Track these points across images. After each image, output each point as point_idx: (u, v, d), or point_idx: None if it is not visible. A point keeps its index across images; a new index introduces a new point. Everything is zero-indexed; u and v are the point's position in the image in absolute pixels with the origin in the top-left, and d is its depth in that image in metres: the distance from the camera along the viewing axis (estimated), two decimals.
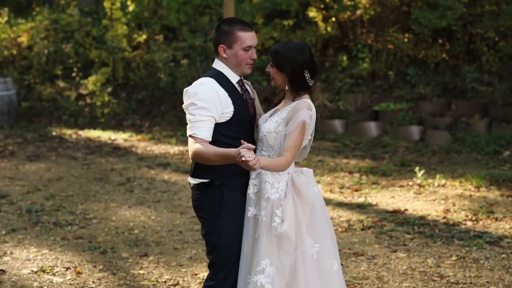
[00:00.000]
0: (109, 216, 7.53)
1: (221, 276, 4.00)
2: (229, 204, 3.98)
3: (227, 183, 3.98)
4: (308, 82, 3.99)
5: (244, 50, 3.98)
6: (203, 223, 4.06)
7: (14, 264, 6.07)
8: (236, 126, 3.99)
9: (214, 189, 3.98)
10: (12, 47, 14.98)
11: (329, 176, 9.29)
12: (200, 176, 4.01)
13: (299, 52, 3.95)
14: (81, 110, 13.73)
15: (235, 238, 3.99)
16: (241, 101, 4.01)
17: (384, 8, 13.10)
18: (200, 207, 4.05)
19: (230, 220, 3.99)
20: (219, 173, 3.96)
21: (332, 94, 12.68)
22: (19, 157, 10.61)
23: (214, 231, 4.00)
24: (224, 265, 4.00)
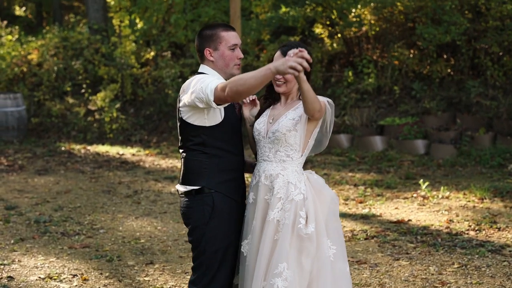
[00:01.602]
0: (116, 226, 7.64)
1: (205, 280, 3.99)
2: (219, 212, 3.96)
3: (219, 190, 3.96)
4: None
5: (230, 49, 4.00)
6: (191, 230, 4.03)
7: (22, 271, 6.17)
8: (226, 129, 3.99)
9: (204, 196, 3.96)
10: (22, 64, 15.18)
11: (334, 188, 9.37)
12: (190, 183, 3.99)
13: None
14: (90, 125, 13.89)
15: (223, 244, 3.98)
16: (229, 106, 4.03)
17: (390, 24, 13.24)
18: (189, 214, 4.02)
19: (219, 227, 3.97)
20: (210, 180, 3.95)
21: (338, 109, 12.79)
22: (29, 171, 10.75)
23: (202, 238, 3.97)
24: (208, 270, 3.99)
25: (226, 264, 4.02)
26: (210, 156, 3.96)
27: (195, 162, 3.98)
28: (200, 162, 3.97)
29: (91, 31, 15.88)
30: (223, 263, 4.00)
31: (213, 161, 3.97)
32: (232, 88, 3.63)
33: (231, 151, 4.02)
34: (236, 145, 4.04)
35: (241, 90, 3.61)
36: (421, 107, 12.35)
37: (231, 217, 4.02)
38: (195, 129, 3.96)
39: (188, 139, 4.01)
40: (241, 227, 4.07)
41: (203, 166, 3.96)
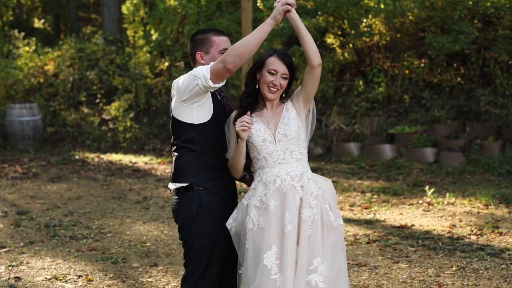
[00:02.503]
0: (123, 231, 7.79)
1: (195, 277, 4.12)
2: (206, 209, 4.08)
3: (206, 187, 4.09)
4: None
5: (221, 53, 4.14)
6: (180, 227, 4.16)
7: (29, 272, 6.34)
8: (215, 127, 4.13)
9: (192, 193, 4.09)
10: (39, 75, 15.44)
11: (341, 195, 9.47)
12: (179, 180, 4.12)
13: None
14: (104, 135, 14.10)
15: (210, 241, 4.10)
16: (219, 106, 4.18)
17: (400, 34, 13.34)
18: (178, 211, 4.16)
19: (206, 224, 4.09)
20: (197, 177, 4.08)
21: (348, 118, 12.90)
22: (42, 179, 10.95)
23: (190, 235, 4.10)
24: (198, 266, 4.12)
25: (215, 261, 4.14)
26: (198, 154, 4.11)
27: (184, 160, 4.14)
28: (188, 159, 4.12)
29: (107, 42, 16.13)
30: (212, 259, 4.13)
31: (201, 158, 4.11)
32: (232, 53, 3.82)
33: (219, 149, 4.15)
34: (223, 145, 4.17)
35: (239, 49, 3.81)
36: (430, 115, 12.42)
37: (219, 214, 4.13)
38: (185, 126, 4.11)
39: (177, 137, 4.17)
40: None
41: (191, 163, 4.11)
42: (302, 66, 13.89)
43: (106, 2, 16.58)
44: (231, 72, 3.87)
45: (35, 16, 24.41)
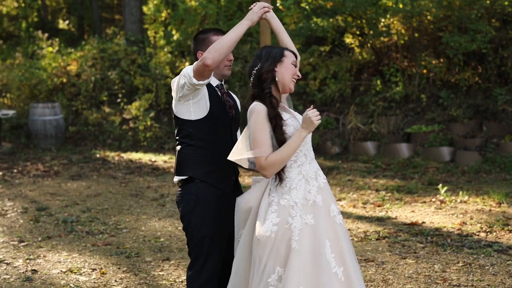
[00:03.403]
0: (139, 227, 7.98)
1: (197, 266, 4.30)
2: (203, 201, 4.25)
3: (204, 179, 4.26)
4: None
5: None
6: (181, 218, 4.35)
7: (45, 265, 6.55)
8: (211, 123, 4.29)
9: (191, 185, 4.27)
10: (62, 75, 15.71)
11: (355, 193, 9.57)
12: (180, 173, 4.31)
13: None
14: (124, 134, 14.32)
15: (208, 232, 4.25)
16: (218, 103, 4.33)
17: (419, 34, 13.41)
18: (179, 202, 4.34)
19: (204, 216, 4.25)
20: (196, 170, 4.26)
21: (366, 117, 12.99)
22: (63, 176, 11.18)
23: (189, 225, 4.29)
24: (198, 256, 4.29)
25: (215, 251, 4.30)
26: (195, 148, 4.29)
27: (183, 154, 4.33)
28: (187, 153, 4.31)
29: (128, 42, 16.36)
30: (211, 250, 4.29)
31: (198, 153, 4.29)
32: (211, 50, 4.02)
33: (216, 143, 4.31)
34: (222, 139, 4.32)
35: (217, 45, 4.02)
36: (447, 114, 12.46)
37: (218, 206, 4.29)
38: (183, 123, 4.30)
39: (178, 132, 4.37)
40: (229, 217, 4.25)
41: (190, 157, 4.30)
42: (321, 66, 14.01)
43: (127, 3, 16.82)
44: (211, 69, 4.01)
45: (60, 17, 24.76)
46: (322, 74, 13.86)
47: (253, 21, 4.14)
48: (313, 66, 14.15)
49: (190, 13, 15.71)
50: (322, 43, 14.52)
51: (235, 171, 4.45)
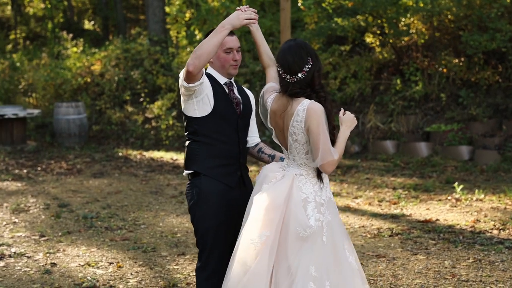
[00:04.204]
0: (157, 223, 8.14)
1: (203, 257, 4.46)
2: (207, 194, 4.38)
3: (208, 174, 4.41)
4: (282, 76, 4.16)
5: (226, 52, 4.43)
6: (188, 210, 4.52)
7: (64, 259, 6.74)
8: (216, 120, 4.41)
9: (196, 179, 4.43)
10: (86, 75, 15.98)
11: (372, 191, 9.65)
12: (188, 167, 4.48)
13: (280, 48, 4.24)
14: (147, 133, 14.53)
15: (211, 224, 4.39)
16: (224, 100, 4.45)
17: (439, 33, 13.44)
18: (187, 195, 4.51)
19: (208, 208, 4.39)
20: (200, 165, 4.41)
21: (385, 116, 13.05)
22: (85, 174, 11.40)
23: (194, 217, 4.46)
24: (204, 247, 4.45)
25: (219, 244, 4.43)
26: (200, 144, 4.44)
27: (190, 149, 4.50)
28: (193, 149, 4.48)
29: (151, 42, 16.58)
30: (216, 243, 4.43)
31: (203, 148, 4.44)
32: (192, 56, 4.12)
33: (221, 140, 4.45)
34: (227, 135, 4.45)
35: (198, 52, 4.11)
36: (467, 113, 12.49)
37: (222, 200, 4.42)
38: (189, 120, 4.46)
39: (186, 129, 4.54)
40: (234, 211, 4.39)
41: (196, 153, 4.46)
42: (341, 65, 14.10)
43: (151, 3, 17.05)
44: (194, 74, 4.14)
45: (86, 18, 25.09)
46: (343, 74, 13.95)
47: (234, 27, 4.20)
48: (334, 65, 14.24)
49: (213, 13, 15.88)
50: (343, 43, 14.60)
51: (240, 167, 4.58)
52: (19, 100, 16.17)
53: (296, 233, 3.97)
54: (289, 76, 4.04)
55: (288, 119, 4.04)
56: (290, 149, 4.11)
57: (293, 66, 4.02)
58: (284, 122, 4.09)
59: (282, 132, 4.14)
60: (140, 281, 6.10)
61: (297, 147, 4.07)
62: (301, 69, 4.02)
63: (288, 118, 4.04)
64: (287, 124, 4.06)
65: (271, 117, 4.16)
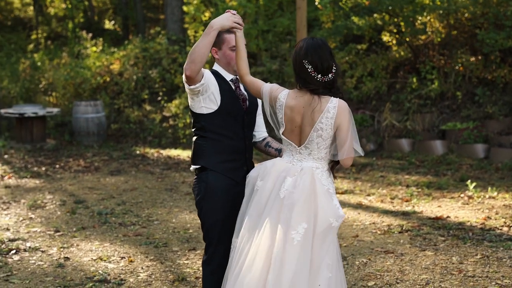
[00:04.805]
0: (170, 219, 8.26)
1: (210, 250, 4.58)
2: (214, 188, 4.49)
3: (215, 169, 4.51)
4: (312, 75, 4.15)
5: (231, 49, 4.54)
6: (195, 204, 4.63)
7: (77, 253, 6.88)
8: (223, 117, 4.52)
9: (203, 174, 4.53)
10: (105, 74, 16.16)
11: (385, 189, 9.69)
12: (195, 162, 4.59)
13: (305, 45, 4.20)
14: (164, 131, 14.67)
15: (218, 218, 4.50)
16: (230, 97, 4.55)
17: (456, 31, 13.43)
18: (194, 190, 4.62)
19: (215, 202, 4.50)
20: (207, 160, 4.51)
21: (401, 115, 13.07)
22: (103, 172, 11.55)
23: (201, 211, 4.57)
24: (211, 241, 4.57)
25: (225, 238, 4.52)
26: (207, 139, 4.55)
27: (197, 145, 4.61)
28: (201, 144, 4.58)
29: (170, 41, 16.72)
30: (222, 236, 4.53)
31: (210, 144, 4.54)
32: (187, 60, 4.28)
33: (228, 136, 4.55)
34: (233, 131, 4.55)
35: (192, 56, 4.25)
36: (483, 112, 12.48)
37: (228, 194, 4.52)
38: (197, 116, 4.57)
39: (193, 125, 4.64)
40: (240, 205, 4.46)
41: (203, 148, 4.56)
42: (358, 64, 14.14)
43: (169, 3, 17.20)
44: (193, 77, 4.29)
45: (106, 17, 25.31)
46: (359, 72, 13.98)
47: (223, 28, 4.31)
48: (350, 64, 14.28)
49: None
50: (360, 41, 14.64)
51: (246, 162, 4.67)
52: (39, 99, 16.38)
53: (327, 224, 4.09)
54: (320, 76, 4.15)
55: (315, 116, 4.13)
56: (309, 144, 4.19)
57: (326, 67, 4.14)
58: (305, 118, 4.17)
59: (298, 128, 4.21)
60: (150, 275, 6.21)
61: (319, 142, 4.16)
62: (331, 70, 4.16)
63: (315, 114, 4.13)
64: (312, 120, 4.14)
65: (286, 113, 4.20)
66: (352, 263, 6.42)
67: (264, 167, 4.32)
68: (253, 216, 4.23)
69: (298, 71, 4.20)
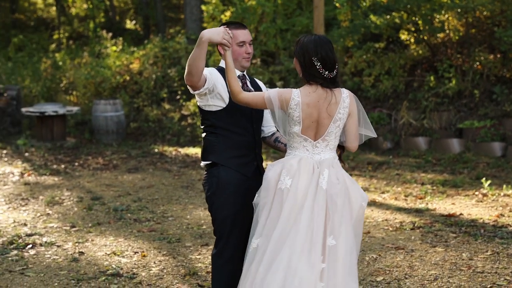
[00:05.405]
0: (184, 215, 8.36)
1: (220, 244, 4.64)
2: (225, 183, 4.56)
3: (225, 164, 4.58)
4: (320, 71, 4.28)
5: (238, 45, 4.60)
6: (206, 199, 4.69)
7: (92, 248, 7.00)
8: (232, 113, 4.58)
9: (214, 170, 4.61)
10: (125, 73, 16.32)
11: (400, 187, 9.71)
12: (205, 158, 4.67)
13: (313, 42, 4.29)
14: (183, 129, 14.79)
15: (229, 213, 4.57)
16: None
17: (475, 29, 13.40)
18: (205, 185, 4.69)
19: (226, 197, 4.57)
20: (218, 156, 4.59)
21: (418, 113, 13.07)
22: (121, 169, 11.68)
23: (212, 206, 4.63)
24: (221, 235, 4.63)
25: (235, 232, 4.60)
26: (218, 136, 4.61)
27: (208, 141, 4.67)
28: (211, 140, 4.64)
29: (189, 41, 16.84)
30: (233, 230, 4.60)
31: (220, 140, 4.61)
32: (186, 71, 4.36)
33: (237, 132, 4.62)
34: (243, 127, 4.62)
35: (189, 68, 4.33)
36: (501, 110, 12.43)
37: (239, 189, 4.59)
38: (206, 114, 4.64)
39: (202, 122, 4.70)
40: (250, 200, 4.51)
41: (213, 144, 4.62)
42: (376, 62, 14.14)
43: (188, 2, 17.33)
44: (193, 86, 4.43)
45: (128, 17, 25.52)
46: (377, 71, 13.99)
47: (212, 41, 4.28)
48: (368, 62, 14.29)
49: (249, 12, 16.06)
50: (378, 40, 14.64)
51: (256, 157, 4.74)
52: (60, 98, 16.59)
53: (360, 208, 4.30)
54: (327, 72, 4.27)
55: (333, 108, 4.28)
56: (328, 135, 4.33)
57: (333, 63, 4.29)
58: (321, 111, 4.29)
59: (315, 122, 4.31)
60: (162, 269, 6.31)
61: (337, 132, 4.35)
62: (335, 66, 4.31)
63: (332, 107, 4.27)
64: (331, 113, 4.28)
65: (304, 110, 4.28)
66: (362, 258, 6.46)
67: (289, 165, 4.31)
68: (290, 216, 4.21)
69: (307, 68, 4.30)
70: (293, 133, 4.35)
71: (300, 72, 4.39)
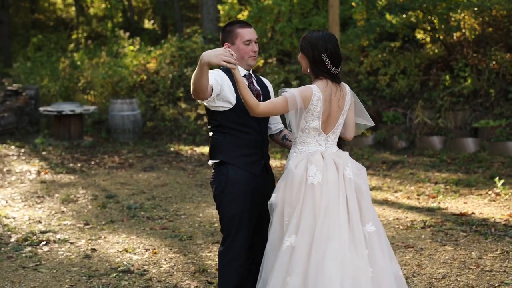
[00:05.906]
0: (197, 213, 8.43)
1: (227, 242, 4.70)
2: (233, 182, 4.62)
3: (233, 163, 4.64)
4: (328, 67, 4.37)
5: (245, 44, 4.64)
6: (214, 197, 4.74)
7: (104, 245, 7.09)
8: (239, 113, 4.62)
9: (222, 168, 4.66)
10: (141, 73, 16.44)
11: (413, 186, 9.71)
12: (213, 157, 4.72)
13: (322, 38, 4.38)
14: (199, 129, 14.87)
15: (237, 211, 4.63)
16: None
17: (491, 28, 13.35)
18: (213, 183, 4.74)
19: (234, 196, 4.62)
20: (226, 155, 4.64)
21: (433, 112, 13.05)
22: (136, 168, 11.78)
23: (220, 204, 4.69)
24: (228, 233, 4.69)
25: (243, 230, 4.67)
26: (226, 135, 4.67)
27: (215, 140, 4.73)
28: (219, 139, 4.70)
29: (205, 40, 16.93)
30: (240, 228, 4.66)
31: (228, 139, 4.67)
32: (191, 88, 4.42)
33: (245, 131, 4.67)
34: (250, 126, 4.67)
35: (193, 86, 4.39)
36: None
37: (247, 187, 4.65)
38: (214, 113, 4.69)
39: (210, 122, 4.75)
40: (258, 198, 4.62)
41: (221, 143, 4.68)
42: (392, 62, 14.14)
43: (205, 2, 17.42)
44: (201, 99, 4.50)
45: (146, 17, 25.68)
46: (392, 70, 13.99)
47: (210, 63, 4.21)
48: (383, 61, 14.29)
49: (266, 11, 16.11)
50: (393, 39, 14.64)
51: (264, 156, 4.79)
52: (78, 97, 16.74)
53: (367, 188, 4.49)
54: (334, 68, 4.39)
55: (341, 102, 4.44)
56: (337, 128, 4.50)
57: (340, 60, 4.42)
58: (333, 105, 4.41)
59: (329, 116, 4.41)
60: (173, 266, 6.38)
61: (342, 124, 4.54)
62: (341, 63, 4.45)
63: (341, 101, 4.43)
64: (342, 106, 4.45)
65: (323, 104, 4.36)
66: None
67: (316, 160, 4.32)
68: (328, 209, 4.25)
69: (316, 63, 4.39)
70: (310, 128, 4.40)
71: (306, 67, 4.46)
